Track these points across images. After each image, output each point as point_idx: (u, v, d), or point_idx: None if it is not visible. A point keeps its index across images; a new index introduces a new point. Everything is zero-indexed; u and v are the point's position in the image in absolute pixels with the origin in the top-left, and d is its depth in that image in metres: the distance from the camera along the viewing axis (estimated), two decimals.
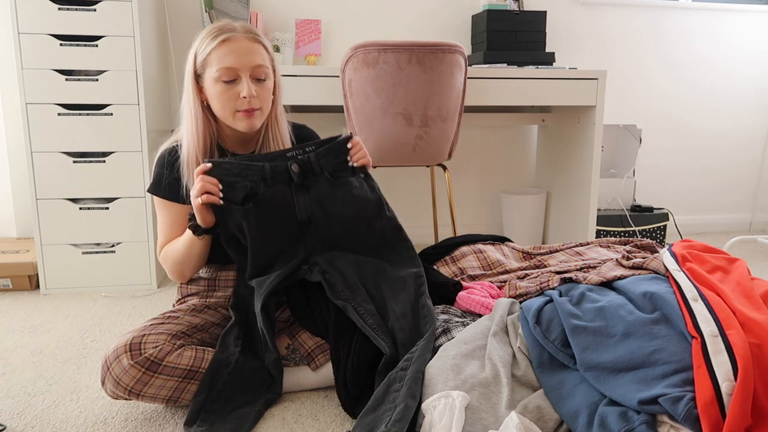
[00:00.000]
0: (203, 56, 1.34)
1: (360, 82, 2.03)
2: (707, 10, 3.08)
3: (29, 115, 2.06)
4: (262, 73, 1.37)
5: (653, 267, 1.36)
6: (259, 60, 1.36)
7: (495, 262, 1.72)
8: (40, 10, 2.01)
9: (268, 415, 1.28)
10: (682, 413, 0.93)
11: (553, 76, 2.34)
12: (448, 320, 1.37)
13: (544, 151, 2.92)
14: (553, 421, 1.09)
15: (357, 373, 1.25)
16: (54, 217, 2.12)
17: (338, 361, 1.28)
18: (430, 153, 2.16)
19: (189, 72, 1.37)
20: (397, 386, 1.13)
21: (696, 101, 3.17)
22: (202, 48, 1.35)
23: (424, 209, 2.97)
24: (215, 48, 1.33)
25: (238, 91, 1.34)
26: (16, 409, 1.31)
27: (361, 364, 1.26)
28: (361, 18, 2.75)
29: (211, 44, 1.33)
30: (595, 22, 2.97)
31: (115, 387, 1.19)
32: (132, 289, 2.21)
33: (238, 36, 1.34)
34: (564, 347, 1.17)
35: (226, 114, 1.37)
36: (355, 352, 1.27)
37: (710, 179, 3.29)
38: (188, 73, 1.37)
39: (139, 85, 2.11)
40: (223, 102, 1.35)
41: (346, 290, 1.33)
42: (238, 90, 1.34)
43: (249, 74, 1.35)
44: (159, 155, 1.44)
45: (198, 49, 1.36)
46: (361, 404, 1.22)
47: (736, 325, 1.03)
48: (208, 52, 1.33)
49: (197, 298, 1.47)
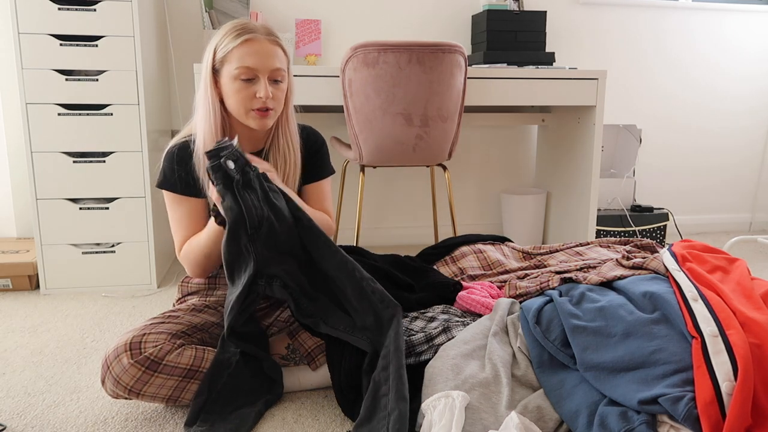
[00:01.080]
0: (224, 52, 1.35)
1: (360, 82, 2.03)
2: (707, 10, 3.08)
3: (29, 115, 2.06)
4: (279, 75, 1.39)
5: (653, 267, 1.36)
6: (278, 63, 1.38)
7: (495, 262, 1.72)
8: (40, 10, 2.01)
9: (268, 415, 1.28)
10: (682, 413, 0.93)
11: (553, 76, 2.34)
12: (448, 320, 1.37)
13: (544, 151, 2.92)
14: (553, 421, 1.09)
15: (350, 377, 1.25)
16: (54, 217, 2.12)
17: (332, 364, 1.29)
18: (430, 153, 2.16)
19: (207, 66, 1.38)
20: (384, 389, 1.12)
21: (696, 101, 3.17)
22: (223, 44, 1.36)
23: (424, 209, 2.97)
24: (237, 46, 1.34)
25: (255, 91, 1.36)
26: (16, 409, 1.31)
27: (352, 368, 1.26)
28: (361, 18, 2.75)
29: (233, 42, 1.35)
30: (595, 22, 2.97)
31: (115, 386, 1.19)
32: (132, 289, 2.21)
33: (260, 37, 1.36)
34: (564, 347, 1.17)
35: (240, 111, 1.38)
36: (346, 357, 1.27)
37: (710, 179, 3.29)
38: (206, 68, 1.38)
39: (139, 85, 2.11)
40: (239, 100, 1.36)
41: (310, 304, 1.28)
42: (255, 89, 1.36)
43: (267, 76, 1.37)
44: (168, 151, 1.43)
45: (218, 44, 1.37)
46: (358, 406, 1.23)
47: (736, 325, 1.03)
48: (230, 50, 1.35)
49: (197, 297, 1.47)
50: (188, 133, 1.45)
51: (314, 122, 2.69)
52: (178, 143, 1.43)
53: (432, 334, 1.33)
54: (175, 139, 1.45)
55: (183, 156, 1.41)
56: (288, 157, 1.47)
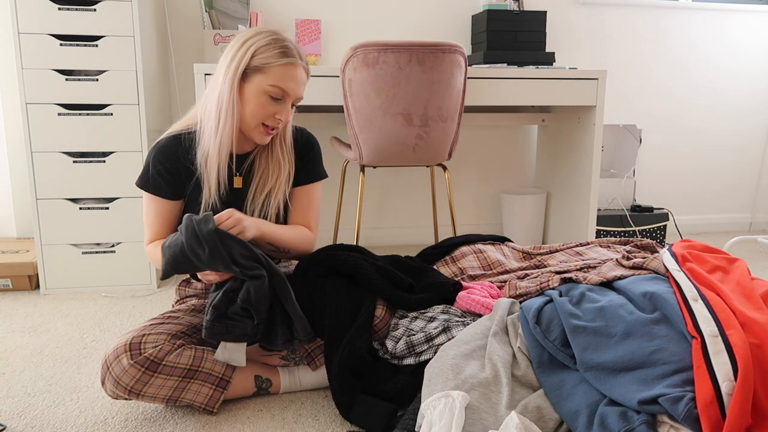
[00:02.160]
0: (262, 62, 1.34)
1: (360, 82, 2.03)
2: (707, 10, 3.08)
3: (29, 115, 2.06)
4: (299, 101, 1.43)
5: (653, 267, 1.36)
6: (303, 92, 1.42)
7: (495, 262, 1.72)
8: (40, 10, 2.01)
9: (268, 415, 1.28)
10: (682, 413, 0.93)
11: (553, 76, 2.34)
12: (448, 320, 1.37)
13: (544, 151, 2.92)
14: (553, 421, 1.09)
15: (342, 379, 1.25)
16: (54, 217, 2.12)
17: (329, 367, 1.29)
18: (430, 153, 2.16)
19: (239, 66, 1.34)
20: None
21: (696, 101, 3.17)
22: (264, 54, 1.34)
23: (424, 209, 2.97)
24: (280, 65, 1.34)
25: (276, 111, 1.37)
26: (16, 409, 1.31)
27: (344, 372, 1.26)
28: (361, 18, 2.75)
29: (276, 59, 1.34)
30: (595, 22, 2.97)
31: (115, 387, 1.19)
32: (132, 289, 2.21)
33: (299, 64, 1.38)
34: (564, 347, 1.17)
35: (252, 123, 1.38)
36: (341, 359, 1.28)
37: (710, 179, 3.29)
38: (235, 68, 1.34)
39: (139, 85, 2.11)
40: (259, 113, 1.36)
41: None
42: (277, 110, 1.38)
43: (292, 102, 1.40)
44: (151, 151, 1.41)
45: (258, 51, 1.34)
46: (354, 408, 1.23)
47: (736, 325, 1.03)
48: (271, 64, 1.34)
49: (196, 299, 1.47)
50: (185, 126, 1.42)
51: (314, 122, 2.69)
52: (169, 138, 1.41)
53: (432, 334, 1.33)
54: (168, 132, 1.42)
55: (172, 151, 1.39)
56: (282, 163, 1.46)
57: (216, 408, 1.28)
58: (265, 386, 1.35)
